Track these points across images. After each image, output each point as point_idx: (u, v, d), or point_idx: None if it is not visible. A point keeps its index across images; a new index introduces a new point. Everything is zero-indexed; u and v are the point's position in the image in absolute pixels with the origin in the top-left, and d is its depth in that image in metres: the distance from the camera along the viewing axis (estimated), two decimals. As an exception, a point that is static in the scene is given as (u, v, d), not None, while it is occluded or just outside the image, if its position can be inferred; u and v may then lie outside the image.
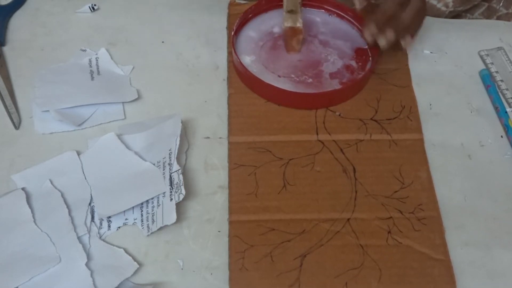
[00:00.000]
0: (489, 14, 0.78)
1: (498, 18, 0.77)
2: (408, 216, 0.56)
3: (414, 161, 0.60)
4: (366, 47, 0.68)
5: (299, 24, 0.66)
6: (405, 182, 0.58)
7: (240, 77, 0.65)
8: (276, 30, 0.70)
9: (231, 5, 0.73)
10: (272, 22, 0.70)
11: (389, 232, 0.55)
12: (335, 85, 0.65)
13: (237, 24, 0.67)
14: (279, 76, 0.65)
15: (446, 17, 0.76)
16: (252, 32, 0.69)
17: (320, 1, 0.71)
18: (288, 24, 0.66)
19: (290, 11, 0.66)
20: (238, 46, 0.67)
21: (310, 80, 0.65)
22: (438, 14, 0.75)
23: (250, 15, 0.70)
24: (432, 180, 0.58)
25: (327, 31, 0.70)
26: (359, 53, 0.68)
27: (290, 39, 0.67)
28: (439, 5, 0.75)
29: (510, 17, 0.77)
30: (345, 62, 0.67)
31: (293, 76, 0.65)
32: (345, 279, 0.52)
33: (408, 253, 0.54)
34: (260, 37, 0.69)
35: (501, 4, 0.77)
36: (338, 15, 0.71)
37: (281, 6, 0.69)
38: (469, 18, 0.79)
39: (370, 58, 0.67)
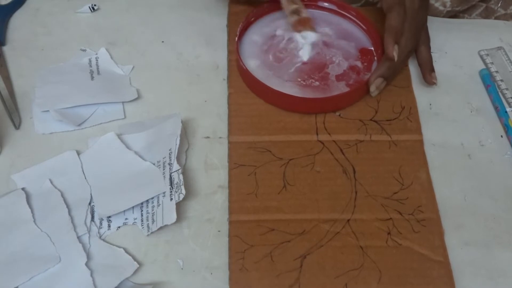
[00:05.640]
0: (487, 14, 0.78)
1: (496, 18, 0.77)
2: (407, 217, 0.56)
3: (414, 162, 0.59)
4: (372, 48, 0.68)
5: (304, 14, 0.66)
6: (405, 183, 0.58)
7: (246, 83, 0.65)
8: (279, 32, 0.69)
9: (231, 3, 0.73)
10: (275, 24, 0.70)
11: (388, 233, 0.55)
12: (342, 87, 0.64)
13: (240, 28, 0.67)
14: (285, 81, 0.64)
15: (444, 17, 0.76)
16: (255, 36, 0.69)
17: (322, 0, 0.71)
18: (294, 18, 0.66)
19: (294, 11, 0.66)
20: (242, 51, 0.66)
21: (317, 83, 0.64)
22: (435, 13, 0.75)
23: (253, 19, 0.69)
24: (432, 182, 0.58)
25: (330, 31, 0.69)
26: (364, 53, 0.68)
27: (303, 29, 0.67)
28: (436, 4, 0.75)
29: (508, 17, 0.77)
30: (350, 63, 0.67)
31: (299, 80, 0.65)
32: (345, 280, 0.52)
33: (408, 255, 0.54)
34: (264, 40, 0.68)
35: (499, 4, 0.77)
36: (341, 15, 0.71)
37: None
38: (467, 19, 0.79)
39: (375, 58, 0.67)
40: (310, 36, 0.68)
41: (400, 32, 0.62)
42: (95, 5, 0.73)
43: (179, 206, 0.55)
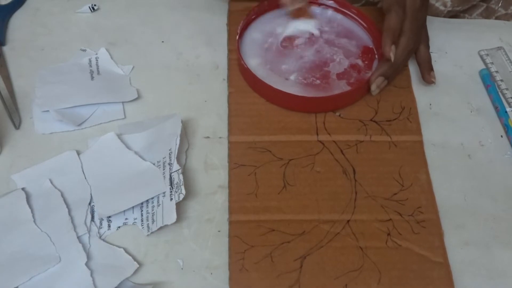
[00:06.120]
0: (488, 14, 0.78)
1: (497, 18, 0.77)
2: (407, 218, 0.56)
3: (414, 163, 0.59)
4: (373, 46, 0.68)
5: (301, 4, 0.67)
6: (405, 184, 0.58)
7: (247, 81, 0.65)
8: (280, 30, 0.69)
9: (231, 1, 0.73)
10: (275, 22, 0.70)
11: (388, 234, 0.55)
12: (342, 86, 0.64)
13: (240, 27, 0.66)
14: (286, 79, 0.64)
15: (444, 16, 0.76)
16: (256, 33, 0.69)
17: None
18: (293, 6, 0.66)
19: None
20: (242, 49, 0.66)
21: (318, 81, 0.64)
22: (436, 13, 0.75)
23: (253, 17, 0.69)
24: (432, 183, 0.58)
25: (331, 29, 0.69)
26: (364, 51, 0.67)
27: (302, 16, 0.68)
28: (437, 4, 0.75)
29: (509, 17, 0.77)
30: (351, 61, 0.66)
31: (300, 78, 0.65)
32: (345, 281, 0.52)
33: (407, 256, 0.54)
34: (264, 39, 0.68)
35: (499, 4, 0.77)
36: (342, 13, 0.70)
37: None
38: (467, 19, 0.79)
39: (376, 57, 0.67)
40: (309, 25, 0.68)
41: (398, 33, 0.62)
42: (95, 5, 0.73)
43: (179, 206, 0.55)
